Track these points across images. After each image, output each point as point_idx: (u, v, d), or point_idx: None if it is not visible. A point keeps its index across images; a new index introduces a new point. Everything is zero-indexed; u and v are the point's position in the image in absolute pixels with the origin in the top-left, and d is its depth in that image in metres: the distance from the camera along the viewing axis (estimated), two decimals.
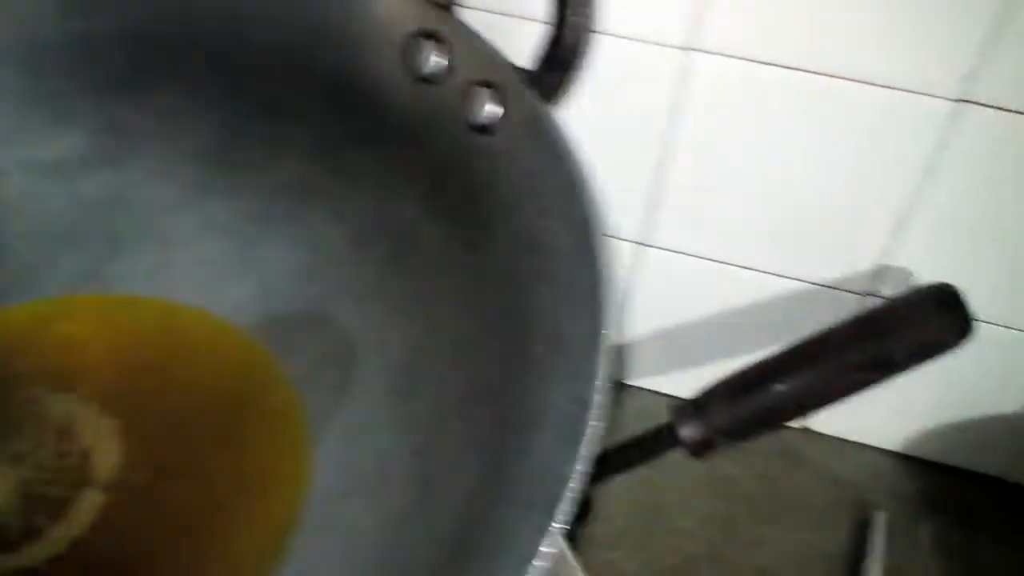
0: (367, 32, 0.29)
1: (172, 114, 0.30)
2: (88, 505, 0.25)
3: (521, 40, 0.27)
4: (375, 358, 0.28)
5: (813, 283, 0.37)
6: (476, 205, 0.28)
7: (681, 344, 0.40)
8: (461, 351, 0.27)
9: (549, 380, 0.24)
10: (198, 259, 0.30)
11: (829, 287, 0.37)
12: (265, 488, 0.25)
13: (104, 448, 0.26)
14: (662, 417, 0.28)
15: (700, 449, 0.29)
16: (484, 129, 0.28)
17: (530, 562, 0.19)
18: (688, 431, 0.28)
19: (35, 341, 0.28)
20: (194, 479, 0.26)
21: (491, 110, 0.28)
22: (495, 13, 0.33)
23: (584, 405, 0.22)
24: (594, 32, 0.26)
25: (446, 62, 0.28)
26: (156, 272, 0.29)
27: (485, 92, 0.28)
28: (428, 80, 0.29)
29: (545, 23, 0.26)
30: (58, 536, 0.25)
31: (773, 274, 0.37)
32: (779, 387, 0.29)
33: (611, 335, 0.22)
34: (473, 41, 0.28)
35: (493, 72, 0.27)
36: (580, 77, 0.27)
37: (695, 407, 0.29)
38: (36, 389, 0.27)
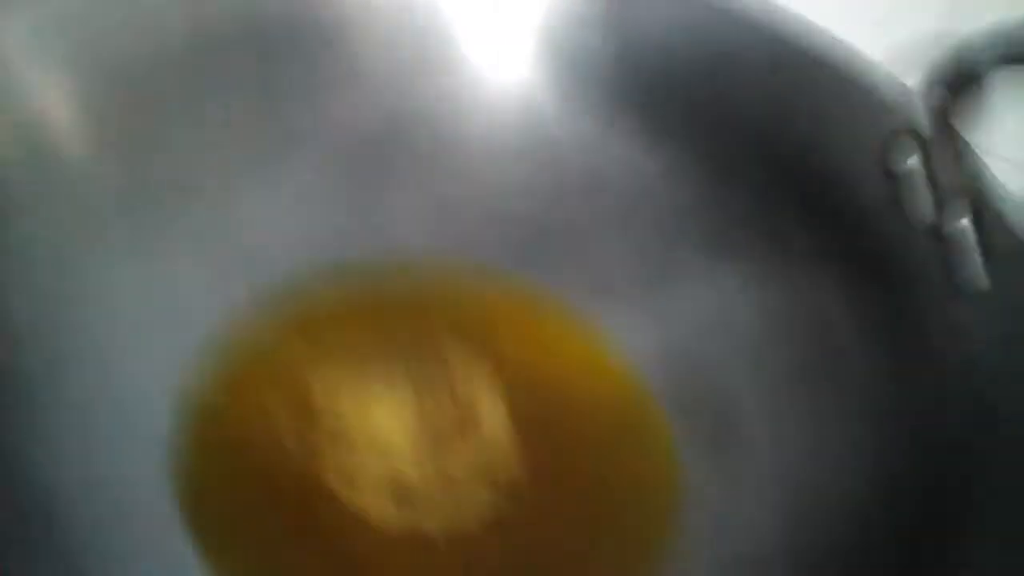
0: (854, 132, 0.29)
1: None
2: (475, 490, 0.26)
3: None
4: (765, 453, 0.27)
5: None
6: (927, 343, 0.27)
7: None
8: (872, 483, 0.26)
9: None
10: (626, 291, 0.30)
11: None
12: (634, 540, 0.26)
13: (497, 435, 0.27)
14: None
15: None
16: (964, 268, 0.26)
17: None
18: None
19: (460, 302, 0.30)
20: (568, 503, 0.26)
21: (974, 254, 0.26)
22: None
23: None
24: None
25: (929, 179, 0.27)
26: (574, 275, 0.30)
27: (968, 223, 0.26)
28: (907, 192, 0.28)
29: None
30: (444, 506, 0.25)
31: None
32: None
33: None
34: (966, 164, 0.27)
35: (982, 202, 0.26)
36: None
37: None
38: (450, 347, 0.28)
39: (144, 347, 0.26)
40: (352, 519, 0.24)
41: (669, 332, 0.29)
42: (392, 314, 0.29)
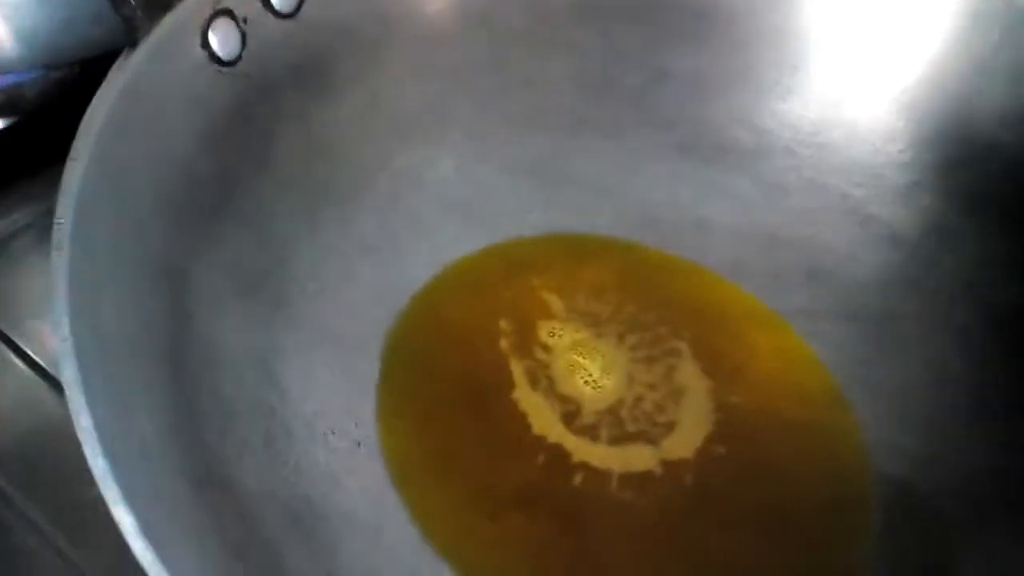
0: None
1: None
2: (638, 457, 0.26)
3: None
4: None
5: None
6: None
7: None
8: None
9: None
10: (899, 385, 0.28)
11: None
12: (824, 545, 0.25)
13: (687, 438, 0.27)
14: None
15: None
16: None
17: None
18: None
19: (722, 323, 0.30)
20: (722, 537, 0.25)
21: None
22: None
23: None
24: None
25: None
26: (853, 356, 0.29)
27: None
28: None
29: None
30: (600, 454, 0.26)
31: None
32: None
33: None
34: None
35: None
36: None
37: None
38: (687, 352, 0.28)
39: (434, 221, 0.30)
40: (517, 418, 0.26)
41: (922, 464, 0.26)
42: (652, 303, 0.29)
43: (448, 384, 0.27)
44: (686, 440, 0.26)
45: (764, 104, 0.32)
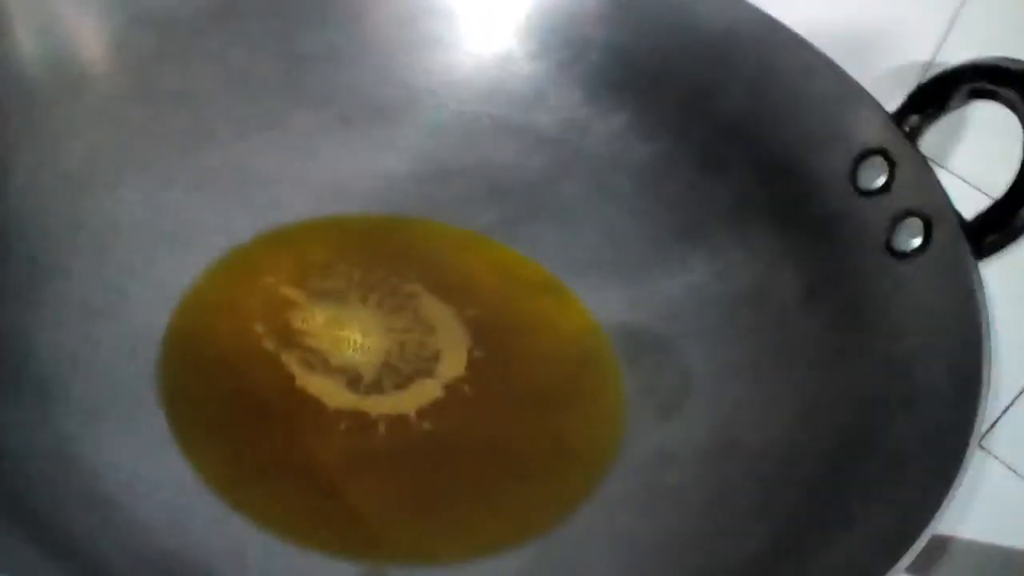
0: (829, 134, 0.32)
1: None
2: (423, 391, 0.29)
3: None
4: (703, 407, 0.30)
5: None
6: (861, 318, 0.30)
7: None
8: (788, 434, 0.28)
9: (873, 497, 0.25)
10: (591, 254, 0.34)
11: None
12: (568, 465, 0.29)
13: (454, 358, 0.30)
14: None
15: None
16: (900, 254, 0.30)
17: None
18: None
19: (438, 256, 0.33)
20: (512, 422, 0.29)
21: (915, 239, 0.29)
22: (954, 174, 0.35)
23: (905, 534, 0.22)
24: None
25: (886, 182, 0.30)
26: (550, 245, 0.33)
27: (915, 221, 0.29)
28: (865, 193, 0.31)
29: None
30: (392, 402, 0.29)
31: None
32: None
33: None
34: (920, 171, 0.30)
35: (930, 205, 0.29)
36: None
37: None
38: (422, 290, 0.32)
39: (147, 260, 0.30)
40: (305, 399, 0.28)
41: (634, 306, 0.32)
42: (375, 262, 0.32)
43: (236, 401, 0.28)
44: (454, 361, 0.30)
45: (398, 59, 0.35)
